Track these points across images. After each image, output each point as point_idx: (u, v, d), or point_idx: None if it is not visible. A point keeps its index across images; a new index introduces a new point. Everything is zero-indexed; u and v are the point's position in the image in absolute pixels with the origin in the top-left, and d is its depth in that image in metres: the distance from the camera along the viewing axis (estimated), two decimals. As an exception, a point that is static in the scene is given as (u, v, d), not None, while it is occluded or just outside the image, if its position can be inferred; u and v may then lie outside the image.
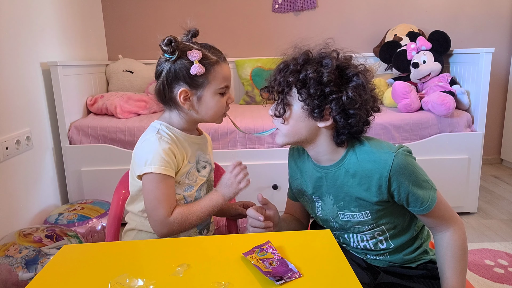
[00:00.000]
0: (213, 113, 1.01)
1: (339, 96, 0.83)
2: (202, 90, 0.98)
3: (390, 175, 0.84)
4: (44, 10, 2.06)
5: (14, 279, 1.35)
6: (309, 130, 0.89)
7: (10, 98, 1.74)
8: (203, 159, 1.09)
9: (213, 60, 0.98)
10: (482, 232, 2.03)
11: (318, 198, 0.98)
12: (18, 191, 1.79)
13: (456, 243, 0.89)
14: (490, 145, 3.12)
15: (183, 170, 1.01)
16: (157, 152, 0.94)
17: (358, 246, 0.98)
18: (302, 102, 0.86)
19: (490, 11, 2.95)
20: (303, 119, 0.87)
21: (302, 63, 0.87)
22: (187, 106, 0.99)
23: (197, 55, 0.95)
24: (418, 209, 0.88)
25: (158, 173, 0.94)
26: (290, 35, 2.95)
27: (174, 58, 0.95)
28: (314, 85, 0.83)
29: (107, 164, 2.07)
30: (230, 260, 0.76)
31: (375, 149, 0.88)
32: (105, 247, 0.88)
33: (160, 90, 0.99)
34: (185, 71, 0.96)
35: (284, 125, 0.90)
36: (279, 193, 2.08)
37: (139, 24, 2.91)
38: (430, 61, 2.35)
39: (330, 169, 0.92)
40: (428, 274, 0.95)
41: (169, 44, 0.94)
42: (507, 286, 1.56)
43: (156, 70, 1.00)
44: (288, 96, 0.88)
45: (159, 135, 0.97)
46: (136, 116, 2.25)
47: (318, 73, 0.84)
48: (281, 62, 0.91)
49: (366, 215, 0.91)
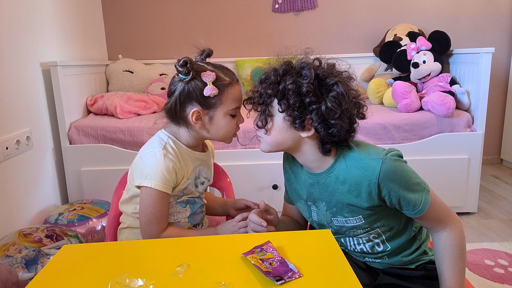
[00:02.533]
0: (223, 134, 1.03)
1: (318, 107, 0.83)
2: (214, 111, 0.99)
3: (379, 182, 0.84)
4: (44, 10, 2.06)
5: (14, 279, 1.35)
6: (292, 140, 0.89)
7: (10, 98, 1.74)
8: (204, 175, 1.11)
9: (226, 82, 0.99)
10: (482, 232, 2.03)
11: (312, 204, 0.98)
12: (18, 191, 1.79)
13: (454, 243, 0.89)
14: (490, 145, 3.12)
15: (180, 187, 1.03)
16: (160, 169, 0.96)
17: (355, 249, 0.98)
18: (283, 113, 0.86)
19: (490, 11, 2.95)
20: (286, 129, 0.88)
21: (282, 74, 0.86)
22: (198, 126, 1.00)
23: (211, 76, 0.96)
24: (411, 212, 0.87)
25: (157, 189, 0.96)
26: (290, 35, 2.96)
27: (189, 79, 0.96)
28: (293, 96, 0.83)
29: (107, 164, 2.07)
30: (230, 260, 0.76)
31: (363, 155, 0.87)
32: (105, 247, 0.88)
33: (171, 108, 1.00)
34: (198, 91, 0.97)
35: (267, 135, 0.90)
36: (279, 193, 2.08)
37: (139, 24, 2.92)
38: (430, 61, 2.35)
39: (321, 176, 0.92)
40: (428, 274, 0.95)
41: (185, 65, 0.95)
42: (507, 286, 1.56)
43: (169, 89, 1.01)
44: (270, 107, 0.88)
45: (165, 151, 0.98)
46: (136, 116, 2.25)
47: (297, 84, 0.83)
48: (263, 73, 0.90)
49: (359, 220, 0.91)
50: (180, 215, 1.07)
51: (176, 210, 1.07)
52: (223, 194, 1.35)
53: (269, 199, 2.05)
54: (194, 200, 1.10)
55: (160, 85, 2.59)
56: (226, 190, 1.34)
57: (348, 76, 0.88)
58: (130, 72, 2.68)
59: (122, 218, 1.13)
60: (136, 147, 2.08)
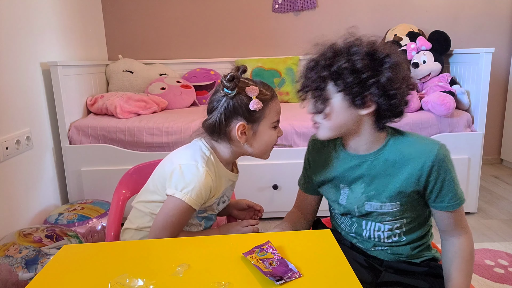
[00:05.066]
0: (265, 147, 1.03)
1: (377, 80, 0.84)
2: (258, 125, 1.00)
3: (433, 164, 0.87)
4: (44, 10, 2.06)
5: (14, 279, 1.35)
6: (352, 121, 0.89)
7: (10, 98, 1.74)
8: (228, 195, 1.11)
9: (269, 96, 1.00)
10: (482, 232, 2.03)
11: (345, 186, 0.98)
12: (18, 191, 1.79)
13: (467, 249, 0.92)
14: (490, 145, 3.12)
15: (207, 204, 1.03)
16: (198, 186, 0.95)
17: (370, 235, 0.97)
18: (341, 93, 0.86)
19: (490, 11, 2.95)
20: (345, 110, 0.88)
21: (332, 56, 0.87)
22: (243, 140, 0.99)
23: (256, 91, 0.97)
24: (446, 204, 0.89)
25: (188, 204, 0.95)
26: (290, 35, 2.96)
27: (234, 94, 0.96)
28: (350, 74, 0.84)
29: (107, 164, 2.07)
30: (230, 260, 0.76)
31: (419, 139, 0.91)
32: (105, 247, 0.88)
33: (215, 124, 0.99)
34: (244, 106, 0.97)
35: (327, 120, 0.90)
36: (279, 193, 2.07)
37: (139, 24, 2.92)
38: (430, 61, 2.35)
39: (369, 157, 0.93)
40: (431, 272, 0.95)
41: (232, 80, 0.95)
42: (507, 286, 1.56)
43: (212, 105, 1.00)
44: (325, 91, 0.88)
45: (208, 169, 0.97)
46: (136, 116, 2.25)
47: (350, 61, 0.84)
48: (309, 61, 0.91)
49: (395, 206, 0.92)
50: (193, 227, 1.07)
51: (192, 222, 1.06)
52: (223, 194, 1.35)
53: (269, 199, 2.03)
54: (211, 217, 1.10)
55: (160, 85, 2.59)
56: (226, 190, 1.34)
57: (394, 48, 0.91)
58: (130, 72, 2.68)
59: (133, 217, 1.10)
60: (136, 147, 2.08)
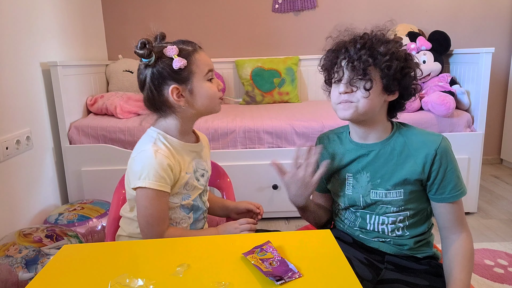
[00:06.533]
0: (209, 101, 1.00)
1: (409, 71, 0.93)
2: (191, 82, 0.97)
3: (436, 154, 0.91)
4: (44, 10, 2.06)
5: (14, 279, 1.35)
6: (379, 106, 0.94)
7: (10, 98, 1.74)
8: (201, 167, 1.08)
9: (190, 50, 0.98)
10: (482, 232, 2.03)
11: (351, 176, 1.01)
12: (18, 191, 1.79)
13: (468, 246, 0.93)
14: (490, 145, 3.12)
15: (180, 182, 1.00)
16: (152, 167, 0.93)
17: (375, 229, 0.99)
18: (382, 76, 0.90)
19: (490, 11, 2.95)
20: (378, 93, 0.92)
21: (375, 42, 0.91)
22: (182, 103, 0.97)
23: (174, 50, 0.95)
24: (447, 195, 0.92)
25: (153, 188, 0.93)
26: (290, 35, 2.96)
27: (153, 61, 0.95)
28: (395, 61, 0.89)
29: (107, 164, 2.07)
30: (230, 260, 0.76)
31: (423, 131, 0.97)
32: (105, 247, 0.88)
33: (149, 98, 0.99)
34: (168, 68, 0.95)
35: (366, 99, 0.91)
36: (279, 193, 2.07)
37: (139, 24, 2.91)
38: (430, 61, 2.35)
39: (377, 146, 0.98)
40: (431, 270, 0.96)
41: (144, 46, 0.93)
42: (507, 286, 1.56)
43: (139, 80, 0.99)
44: (368, 71, 0.90)
45: (155, 148, 0.95)
46: (136, 116, 2.25)
47: (397, 49, 0.91)
48: (349, 40, 0.93)
49: (399, 194, 0.95)
50: (183, 222, 1.05)
51: (179, 216, 1.04)
52: (223, 194, 1.34)
53: (269, 199, 2.04)
54: (198, 206, 1.07)
55: (160, 85, 2.59)
56: (226, 190, 1.34)
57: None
58: (130, 72, 2.68)
59: (122, 224, 1.10)
60: (136, 147, 2.08)
